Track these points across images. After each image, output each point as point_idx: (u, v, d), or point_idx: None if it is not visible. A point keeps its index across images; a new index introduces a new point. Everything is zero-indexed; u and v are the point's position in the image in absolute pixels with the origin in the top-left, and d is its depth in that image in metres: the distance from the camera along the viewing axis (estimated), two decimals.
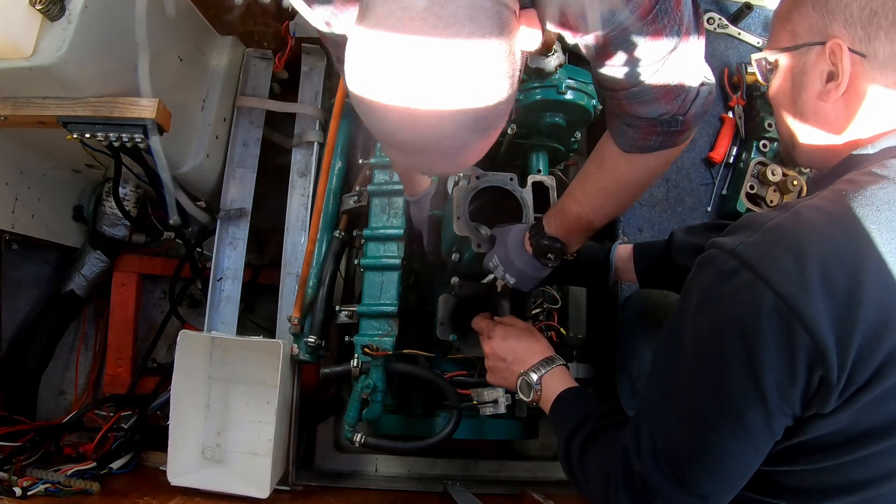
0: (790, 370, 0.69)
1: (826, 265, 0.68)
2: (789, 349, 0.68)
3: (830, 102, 0.82)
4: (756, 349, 0.69)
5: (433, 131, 0.68)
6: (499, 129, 0.74)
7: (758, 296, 0.69)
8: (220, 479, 1.47)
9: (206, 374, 1.61)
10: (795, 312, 0.67)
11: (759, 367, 0.69)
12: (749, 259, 0.71)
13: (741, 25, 1.75)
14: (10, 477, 1.34)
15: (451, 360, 1.37)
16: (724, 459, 0.75)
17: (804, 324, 0.67)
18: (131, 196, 1.84)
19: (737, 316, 0.71)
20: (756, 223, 0.74)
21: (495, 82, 0.67)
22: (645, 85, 0.83)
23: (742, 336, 0.70)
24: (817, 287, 0.67)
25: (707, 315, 0.75)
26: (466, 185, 1.28)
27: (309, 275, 1.59)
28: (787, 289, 0.68)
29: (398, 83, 0.65)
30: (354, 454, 1.68)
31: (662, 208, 1.62)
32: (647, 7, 0.73)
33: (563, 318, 1.63)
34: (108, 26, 1.31)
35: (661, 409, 0.80)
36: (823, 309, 0.67)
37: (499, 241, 1.21)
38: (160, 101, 1.35)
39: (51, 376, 1.94)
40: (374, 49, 0.66)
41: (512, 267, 1.18)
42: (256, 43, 1.88)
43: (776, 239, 0.71)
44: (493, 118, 0.70)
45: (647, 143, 0.93)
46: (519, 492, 1.57)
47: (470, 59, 0.65)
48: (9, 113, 1.33)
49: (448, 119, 0.67)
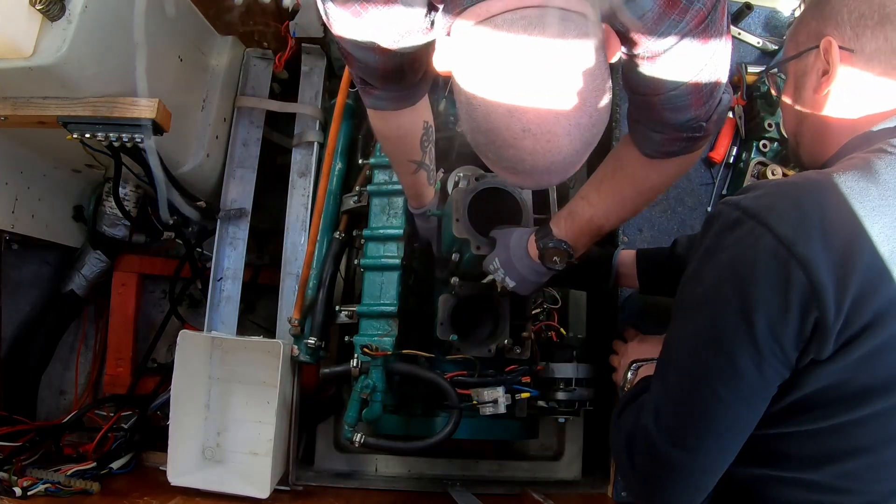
0: (782, 307, 0.71)
1: (826, 214, 0.72)
2: (784, 289, 0.70)
3: (823, 93, 0.89)
4: (750, 290, 0.72)
5: (565, 152, 0.71)
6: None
7: (757, 239, 0.72)
8: (220, 479, 1.47)
9: (206, 374, 1.61)
10: (793, 253, 0.70)
11: (751, 304, 0.72)
12: (752, 209, 0.75)
13: (741, 25, 1.75)
14: (10, 477, 1.34)
15: (451, 360, 1.37)
16: (715, 410, 0.76)
17: (801, 263, 0.70)
18: (131, 196, 1.84)
19: (736, 261, 0.74)
20: (763, 183, 0.81)
21: (608, 97, 0.72)
22: (683, 89, 0.85)
23: (738, 278, 0.73)
24: (816, 233, 0.71)
25: (710, 265, 0.78)
26: (466, 187, 1.29)
27: (309, 276, 1.59)
28: (786, 232, 0.71)
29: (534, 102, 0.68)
30: (354, 454, 1.68)
31: (662, 208, 1.62)
32: (702, 16, 0.77)
33: (563, 318, 1.63)
34: (108, 26, 1.31)
35: (665, 366, 0.84)
36: (821, 252, 0.70)
37: (500, 244, 1.21)
38: (160, 101, 1.35)
39: (51, 376, 1.94)
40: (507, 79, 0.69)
41: (513, 271, 1.18)
42: (256, 43, 1.88)
43: (780, 192, 0.76)
44: (602, 130, 0.75)
45: (671, 148, 0.96)
46: (519, 492, 1.57)
47: (593, 77, 0.70)
48: (9, 113, 1.33)
49: (578, 139, 0.71)
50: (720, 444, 0.79)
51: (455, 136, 1.55)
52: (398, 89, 1.03)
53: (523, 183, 0.81)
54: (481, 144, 0.75)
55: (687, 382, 0.79)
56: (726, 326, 0.74)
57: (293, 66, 1.88)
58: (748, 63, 1.71)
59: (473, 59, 0.72)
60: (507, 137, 0.71)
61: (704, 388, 0.77)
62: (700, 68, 0.84)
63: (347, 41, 0.88)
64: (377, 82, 1.00)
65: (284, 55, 1.83)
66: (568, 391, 1.36)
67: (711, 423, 0.77)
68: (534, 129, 0.69)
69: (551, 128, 0.69)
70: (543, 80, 0.68)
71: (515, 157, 0.72)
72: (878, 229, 0.72)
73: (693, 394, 0.78)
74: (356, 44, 0.88)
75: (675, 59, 0.82)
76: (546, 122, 0.69)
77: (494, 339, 1.38)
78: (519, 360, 1.39)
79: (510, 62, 0.69)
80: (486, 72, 0.70)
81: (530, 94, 0.68)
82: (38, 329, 1.87)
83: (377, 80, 0.99)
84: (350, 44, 0.88)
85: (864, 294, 0.70)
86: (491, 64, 0.70)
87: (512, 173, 0.76)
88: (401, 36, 0.84)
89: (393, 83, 1.00)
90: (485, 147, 0.75)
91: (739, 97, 1.70)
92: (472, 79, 0.72)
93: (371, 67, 0.94)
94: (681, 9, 0.76)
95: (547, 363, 1.39)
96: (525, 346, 1.40)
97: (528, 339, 1.40)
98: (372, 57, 0.90)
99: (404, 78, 0.99)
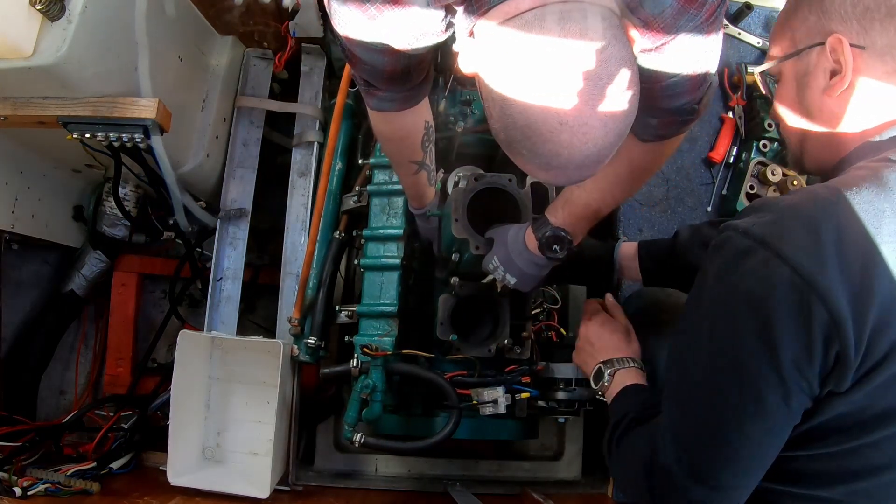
0: (807, 345, 0.69)
1: (841, 241, 0.69)
2: (806, 324, 0.68)
3: (835, 97, 0.84)
4: (772, 325, 0.69)
5: (600, 143, 0.72)
6: None
7: (773, 272, 0.69)
8: (220, 479, 1.47)
9: (206, 374, 1.61)
10: (812, 286, 0.67)
11: (776, 343, 0.69)
12: (764, 237, 0.71)
13: (741, 25, 1.75)
14: (10, 477, 1.34)
15: (451, 360, 1.37)
16: (742, 446, 0.74)
17: (821, 296, 0.67)
18: (131, 196, 1.84)
19: (752, 294, 0.71)
20: (769, 204, 0.76)
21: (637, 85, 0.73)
22: (682, 77, 0.87)
23: (758, 314, 0.70)
24: (833, 261, 0.68)
25: (723, 297, 0.75)
26: (465, 187, 1.29)
27: (309, 276, 1.59)
28: (803, 263, 0.68)
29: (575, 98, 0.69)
30: (354, 454, 1.68)
31: (662, 208, 1.62)
32: (713, 9, 0.79)
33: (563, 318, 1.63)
34: (107, 26, 1.31)
35: (681, 400, 0.81)
36: (839, 283, 0.67)
37: (498, 242, 1.21)
38: (160, 101, 1.35)
39: (51, 376, 1.94)
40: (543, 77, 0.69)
41: (513, 267, 1.18)
42: (256, 43, 1.88)
43: (791, 216, 0.72)
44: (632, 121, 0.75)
45: (666, 131, 0.99)
46: (519, 492, 1.57)
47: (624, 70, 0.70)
48: (9, 113, 1.33)
49: (612, 130, 0.72)
50: (747, 479, 0.77)
51: (455, 136, 1.55)
52: (402, 90, 1.03)
53: (556, 179, 0.81)
54: (516, 141, 0.74)
55: (711, 418, 0.76)
56: (750, 362, 0.71)
57: (293, 66, 1.89)
58: (748, 63, 1.71)
59: (505, 57, 0.71)
60: (543, 132, 0.70)
61: (731, 425, 0.74)
62: (700, 58, 0.85)
63: (356, 43, 0.87)
64: (382, 84, 1.00)
65: (284, 55, 1.83)
66: (568, 391, 1.36)
67: (739, 461, 0.75)
68: (571, 121, 0.69)
69: (588, 120, 0.69)
70: (579, 75, 0.68)
71: (552, 152, 0.72)
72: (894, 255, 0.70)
73: (719, 431, 0.75)
74: (366, 46, 0.87)
75: (680, 50, 0.83)
76: (583, 114, 0.69)
77: (494, 339, 1.38)
78: (519, 360, 1.39)
79: (545, 58, 0.69)
80: (521, 69, 0.70)
81: (567, 89, 0.68)
82: (38, 329, 1.87)
83: (382, 81, 0.99)
84: (358, 46, 0.88)
85: (882, 324, 0.69)
86: (525, 61, 0.70)
87: (546, 169, 0.76)
88: (416, 38, 0.84)
89: (398, 84, 1.00)
90: (520, 144, 0.74)
91: (739, 97, 1.70)
92: (506, 77, 0.72)
93: (377, 69, 0.94)
94: (699, 3, 0.77)
95: (547, 363, 1.38)
96: (525, 346, 1.40)
97: (528, 339, 1.40)
98: (380, 59, 0.90)
99: (409, 79, 1.00)
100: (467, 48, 0.78)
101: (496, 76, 0.73)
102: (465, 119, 1.55)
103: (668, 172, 1.65)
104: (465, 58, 0.78)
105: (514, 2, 0.71)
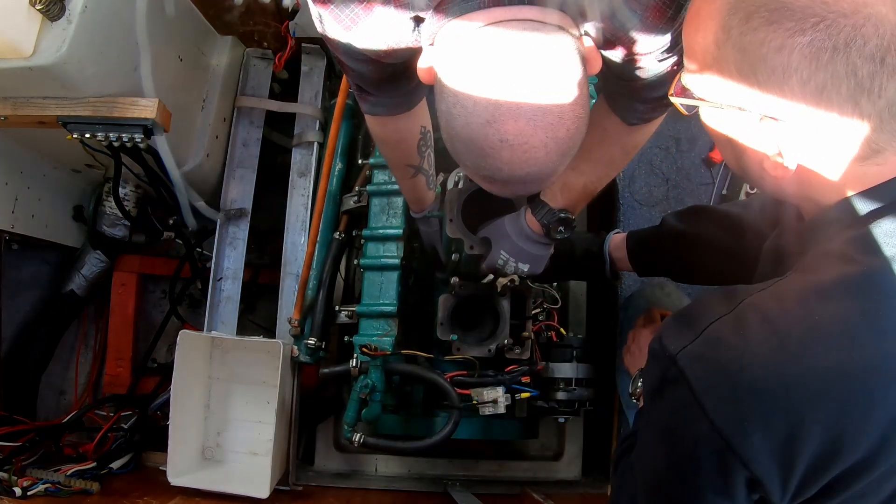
0: (727, 493, 0.66)
1: (764, 400, 0.63)
2: (725, 477, 0.65)
3: (776, 176, 0.70)
4: (695, 471, 0.67)
5: (541, 164, 0.72)
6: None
7: (695, 421, 0.65)
8: (220, 479, 1.47)
9: (206, 374, 1.61)
10: (731, 447, 0.63)
11: (698, 486, 0.67)
12: (687, 374, 0.66)
13: None
14: (10, 477, 1.34)
15: (451, 360, 1.37)
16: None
17: (740, 458, 0.63)
18: (131, 196, 1.84)
19: (677, 433, 0.69)
20: (699, 322, 0.68)
21: (586, 110, 0.74)
22: (662, 73, 0.88)
23: (682, 455, 0.69)
24: (754, 423, 0.63)
25: (655, 419, 0.74)
26: (460, 187, 1.29)
27: (309, 276, 1.59)
28: (721, 422, 0.64)
29: (515, 117, 0.70)
30: (354, 454, 1.68)
31: (662, 208, 1.62)
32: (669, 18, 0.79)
33: (563, 318, 1.63)
34: (107, 26, 1.31)
35: (637, 466, 0.80)
36: (760, 444, 0.63)
37: (497, 237, 1.22)
38: (160, 101, 1.35)
39: (51, 376, 1.94)
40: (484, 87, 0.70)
41: (523, 254, 1.20)
42: (256, 43, 1.88)
43: (714, 357, 0.66)
44: (579, 142, 0.76)
45: (653, 115, 1.01)
46: (519, 492, 1.57)
47: (571, 93, 0.71)
48: (9, 113, 1.33)
49: (554, 151, 0.72)
50: None
51: None
52: (394, 96, 1.04)
53: (500, 192, 0.83)
54: (460, 153, 0.76)
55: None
56: (678, 489, 0.70)
57: (293, 66, 1.88)
58: None
59: (454, 68, 0.73)
60: (484, 147, 0.72)
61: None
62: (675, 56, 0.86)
63: (340, 51, 0.89)
64: (372, 89, 1.01)
65: (284, 55, 1.83)
66: (568, 391, 1.37)
67: None
68: (511, 140, 0.70)
69: (528, 140, 0.70)
70: (525, 95, 0.69)
71: (492, 167, 0.74)
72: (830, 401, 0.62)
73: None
74: (349, 54, 0.89)
75: (653, 58, 0.85)
76: (523, 134, 0.70)
77: (494, 339, 1.38)
78: (519, 360, 1.39)
79: (490, 74, 0.70)
80: (467, 82, 0.71)
81: (511, 109, 0.69)
82: (38, 329, 1.87)
83: (372, 86, 1.00)
84: (343, 53, 0.90)
85: (811, 475, 0.64)
86: (473, 76, 0.71)
87: (489, 182, 0.78)
88: (390, 46, 0.85)
89: (388, 90, 1.01)
90: (463, 155, 0.76)
91: None
92: (453, 89, 0.73)
93: (365, 76, 0.95)
94: (668, 19, 0.79)
95: (547, 363, 1.39)
96: (525, 346, 1.40)
97: (528, 339, 1.40)
98: (365, 67, 0.92)
99: (399, 86, 1.01)
100: (426, 56, 0.79)
101: (445, 87, 0.74)
102: None
103: (668, 172, 1.65)
104: (422, 64, 0.80)
105: (475, 14, 0.72)
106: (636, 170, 1.62)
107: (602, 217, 1.72)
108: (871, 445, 0.63)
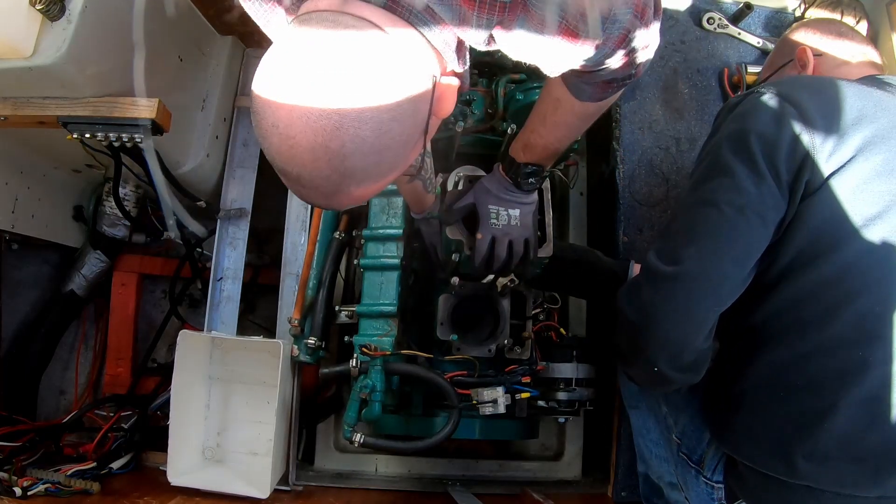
0: (774, 130, 0.93)
1: (814, 89, 0.98)
2: (776, 116, 0.94)
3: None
4: (747, 121, 0.95)
5: (308, 167, 0.67)
6: (380, 184, 0.73)
7: (761, 94, 0.98)
8: (220, 479, 1.47)
9: (206, 374, 1.61)
10: (788, 99, 0.95)
11: (747, 132, 0.94)
12: (764, 85, 1.00)
13: (741, 25, 1.75)
14: (10, 477, 1.34)
15: (451, 360, 1.37)
16: (710, 219, 0.93)
17: (793, 103, 0.94)
18: (131, 196, 1.84)
19: (741, 109, 0.98)
20: None
21: (379, 134, 0.67)
22: (611, 68, 0.88)
23: (739, 118, 0.97)
24: (807, 90, 0.97)
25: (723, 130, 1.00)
26: (459, 189, 1.29)
27: (309, 276, 1.59)
28: (783, 89, 0.97)
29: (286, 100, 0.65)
30: (354, 454, 1.68)
31: (662, 208, 1.62)
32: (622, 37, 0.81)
33: (563, 318, 1.63)
34: (107, 26, 1.31)
35: (672, 217, 1.03)
36: (809, 100, 0.95)
37: (480, 194, 1.23)
38: (160, 101, 1.35)
39: (51, 376, 1.94)
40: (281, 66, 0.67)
41: (508, 203, 1.22)
42: (256, 43, 1.88)
43: (781, 80, 1.04)
44: (372, 173, 0.70)
45: (603, 94, 0.98)
46: (519, 492, 1.57)
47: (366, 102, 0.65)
48: (9, 113, 1.33)
49: (322, 160, 0.66)
50: (714, 257, 0.92)
51: (455, 136, 1.55)
52: None
53: (297, 195, 0.76)
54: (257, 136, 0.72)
55: (686, 206, 0.97)
56: (724, 153, 0.94)
57: None
58: (748, 63, 1.71)
59: (270, 50, 0.70)
60: (263, 127, 0.68)
61: (703, 195, 0.94)
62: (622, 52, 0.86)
63: None
64: None
65: None
66: (568, 391, 1.37)
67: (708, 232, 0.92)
68: (281, 128, 0.66)
69: (295, 135, 0.65)
70: (306, 87, 0.64)
71: (269, 154, 0.70)
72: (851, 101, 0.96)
73: (692, 209, 0.96)
74: None
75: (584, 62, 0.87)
76: (293, 126, 0.65)
77: (494, 339, 1.38)
78: (519, 360, 1.39)
79: (285, 57, 0.67)
80: (264, 62, 0.69)
81: (290, 93, 0.65)
82: (38, 329, 1.87)
83: None
84: None
85: (845, 132, 0.92)
86: (273, 56, 0.68)
87: (287, 181, 0.72)
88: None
89: None
90: (257, 137, 0.72)
91: None
92: (261, 63, 0.70)
93: None
94: (614, 40, 0.81)
95: (547, 363, 1.39)
96: (525, 346, 1.40)
97: (528, 339, 1.40)
98: None
99: None
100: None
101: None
102: (464, 119, 1.55)
103: (668, 172, 1.64)
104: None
105: (307, 3, 0.71)
106: (636, 170, 1.62)
107: (602, 217, 1.72)
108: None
